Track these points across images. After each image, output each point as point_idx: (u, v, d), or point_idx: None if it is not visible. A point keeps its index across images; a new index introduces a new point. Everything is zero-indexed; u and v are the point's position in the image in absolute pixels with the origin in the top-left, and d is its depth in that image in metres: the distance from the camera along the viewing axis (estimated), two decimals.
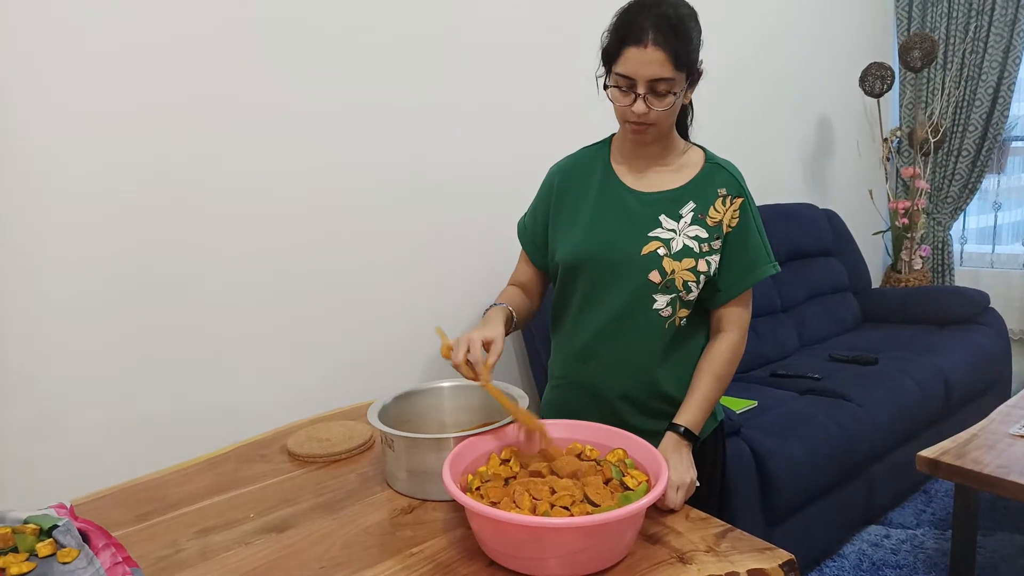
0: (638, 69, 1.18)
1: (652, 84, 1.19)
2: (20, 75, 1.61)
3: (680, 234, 1.28)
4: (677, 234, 1.28)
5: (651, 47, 1.16)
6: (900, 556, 2.40)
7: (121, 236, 1.77)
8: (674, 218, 1.29)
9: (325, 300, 2.13)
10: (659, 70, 1.17)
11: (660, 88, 1.20)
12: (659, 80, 1.19)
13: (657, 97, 1.21)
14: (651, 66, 1.17)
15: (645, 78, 1.19)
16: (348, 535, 1.16)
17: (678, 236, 1.28)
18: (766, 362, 2.97)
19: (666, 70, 1.18)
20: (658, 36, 1.16)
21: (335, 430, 1.56)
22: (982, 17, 3.73)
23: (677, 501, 1.18)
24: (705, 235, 1.28)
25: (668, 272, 1.27)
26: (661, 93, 1.20)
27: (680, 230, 1.28)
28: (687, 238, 1.28)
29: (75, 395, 1.74)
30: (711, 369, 1.31)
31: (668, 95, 1.20)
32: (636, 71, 1.19)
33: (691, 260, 1.27)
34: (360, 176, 2.16)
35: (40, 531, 1.04)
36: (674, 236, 1.28)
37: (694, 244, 1.27)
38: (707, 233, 1.28)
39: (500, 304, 1.36)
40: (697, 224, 1.28)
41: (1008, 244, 4.07)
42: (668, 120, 1.26)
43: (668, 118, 1.25)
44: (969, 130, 3.83)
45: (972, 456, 1.84)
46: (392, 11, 2.17)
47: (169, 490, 1.37)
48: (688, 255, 1.27)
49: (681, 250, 1.27)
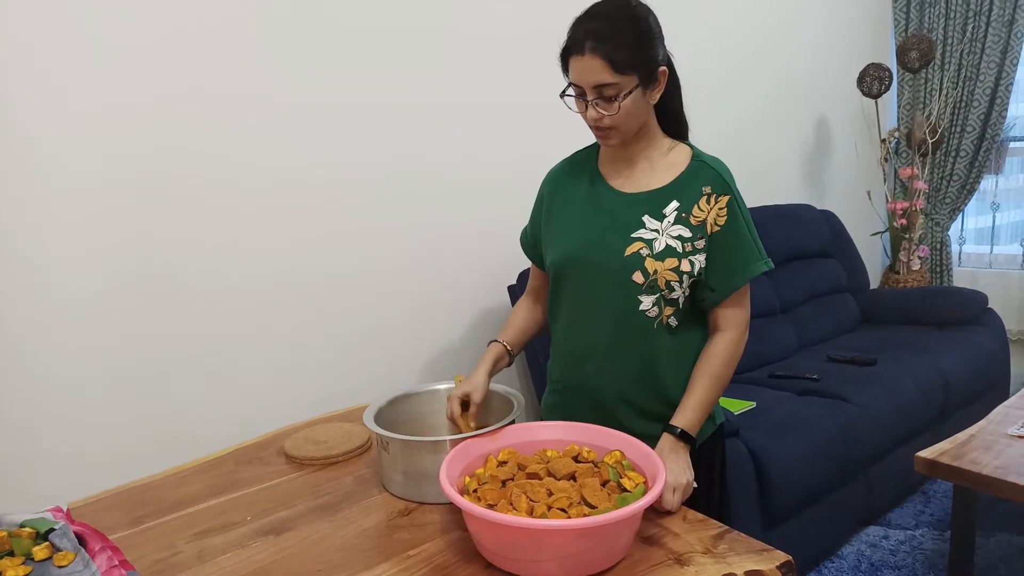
0: (581, 77, 1.22)
1: (598, 90, 1.22)
2: (19, 70, 1.61)
3: (663, 234, 1.28)
4: (660, 234, 1.28)
5: (588, 55, 1.19)
6: (899, 557, 2.40)
7: (118, 241, 1.77)
8: (657, 218, 1.29)
9: (323, 302, 2.13)
10: (600, 76, 1.20)
11: (607, 93, 1.21)
12: (603, 86, 1.21)
13: (606, 102, 1.22)
14: (591, 73, 1.20)
15: (589, 85, 1.22)
16: (345, 538, 1.16)
17: (661, 236, 1.28)
18: (764, 363, 2.97)
19: (607, 76, 1.19)
20: (594, 44, 1.18)
21: (332, 432, 1.56)
22: (979, 18, 3.73)
23: (674, 503, 1.18)
24: (688, 234, 1.28)
25: (651, 272, 1.27)
26: (609, 98, 1.22)
27: (663, 230, 1.28)
28: (670, 238, 1.28)
29: (71, 399, 1.74)
30: (708, 370, 1.31)
31: (615, 100, 1.22)
32: (580, 79, 1.22)
33: (674, 260, 1.27)
34: (359, 177, 2.16)
35: (36, 535, 1.04)
36: (657, 236, 1.28)
37: (677, 244, 1.27)
38: (690, 232, 1.28)
39: (495, 341, 1.44)
40: (680, 223, 1.28)
41: (1006, 244, 4.07)
42: (630, 122, 1.26)
43: (628, 120, 1.26)
44: (967, 131, 3.83)
45: (970, 457, 1.83)
46: (397, 5, 2.17)
47: (166, 493, 1.37)
48: (671, 255, 1.27)
49: (664, 250, 1.27)
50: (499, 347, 1.43)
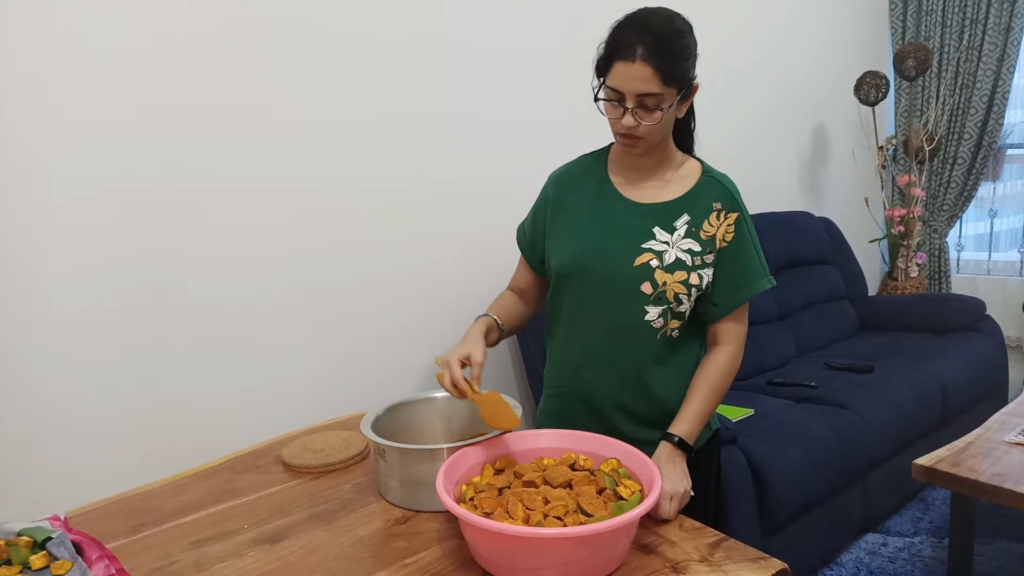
0: (626, 84, 1.20)
1: (640, 99, 1.20)
2: (19, 78, 1.62)
3: (673, 246, 1.28)
4: (670, 246, 1.28)
5: (639, 63, 1.17)
6: (898, 564, 2.39)
7: (117, 250, 1.77)
8: (668, 230, 1.29)
9: (320, 310, 2.13)
10: (646, 85, 1.19)
11: (649, 103, 1.21)
12: (647, 95, 1.20)
13: (646, 111, 1.21)
14: (639, 81, 1.18)
15: (633, 93, 1.20)
16: (342, 546, 1.16)
17: (671, 248, 1.28)
18: (763, 370, 2.97)
19: (654, 85, 1.18)
20: (646, 52, 1.17)
21: (330, 440, 1.56)
22: (976, 26, 3.75)
23: (671, 511, 1.18)
24: (698, 248, 1.28)
25: (660, 284, 1.27)
26: (650, 107, 1.21)
27: (673, 242, 1.28)
28: (680, 251, 1.28)
29: (69, 408, 1.74)
30: (707, 381, 1.31)
31: (657, 110, 1.21)
32: (624, 85, 1.20)
33: (683, 273, 1.27)
34: (358, 184, 2.17)
35: (34, 543, 1.04)
36: (667, 248, 1.28)
37: (687, 257, 1.28)
38: (700, 247, 1.29)
39: (483, 315, 1.39)
40: (690, 237, 1.29)
41: (1005, 251, 4.08)
42: (659, 134, 1.27)
43: (658, 132, 1.26)
44: (964, 138, 3.84)
45: (968, 464, 1.83)
46: (401, 18, 2.18)
47: (163, 501, 1.37)
48: (680, 268, 1.27)
49: (674, 262, 1.27)
50: (488, 319, 1.36)
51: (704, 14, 3.18)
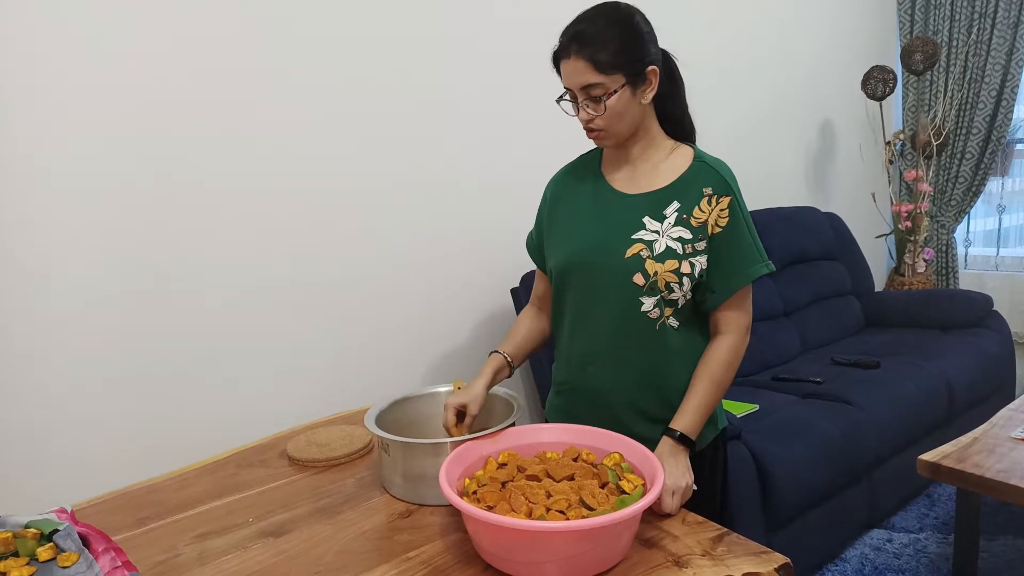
0: (570, 80, 1.26)
1: (586, 91, 1.24)
2: (19, 77, 1.62)
3: (663, 235, 1.28)
4: (660, 235, 1.28)
5: (573, 58, 1.23)
6: (903, 560, 2.39)
7: (120, 246, 1.78)
8: (658, 219, 1.29)
9: (325, 305, 2.14)
10: (584, 77, 1.23)
11: (594, 93, 1.24)
12: (589, 87, 1.23)
13: (595, 102, 1.24)
14: (576, 75, 1.23)
15: (577, 86, 1.25)
16: (345, 540, 1.17)
17: (661, 237, 1.28)
18: (768, 366, 2.96)
19: (591, 76, 1.22)
20: (577, 46, 1.22)
21: (334, 435, 1.57)
22: (985, 20, 3.72)
23: (673, 506, 1.18)
24: (689, 236, 1.28)
25: (651, 274, 1.27)
26: (598, 98, 1.24)
27: (663, 231, 1.28)
28: (670, 239, 1.27)
29: (74, 403, 1.75)
30: (707, 373, 1.30)
31: (605, 99, 1.23)
32: (568, 81, 1.26)
33: (674, 262, 1.27)
34: (360, 181, 2.17)
35: (41, 535, 1.05)
36: (657, 237, 1.28)
37: (677, 245, 1.27)
38: (691, 234, 1.28)
39: (496, 352, 1.44)
40: (681, 225, 1.28)
41: (1013, 247, 4.05)
42: (621, 122, 1.27)
43: (619, 120, 1.26)
44: (972, 133, 3.82)
45: (973, 460, 1.83)
46: (401, 15, 2.18)
47: (169, 495, 1.38)
48: (671, 256, 1.27)
49: (664, 252, 1.27)
50: (500, 359, 1.43)
51: (710, 9, 3.19)
